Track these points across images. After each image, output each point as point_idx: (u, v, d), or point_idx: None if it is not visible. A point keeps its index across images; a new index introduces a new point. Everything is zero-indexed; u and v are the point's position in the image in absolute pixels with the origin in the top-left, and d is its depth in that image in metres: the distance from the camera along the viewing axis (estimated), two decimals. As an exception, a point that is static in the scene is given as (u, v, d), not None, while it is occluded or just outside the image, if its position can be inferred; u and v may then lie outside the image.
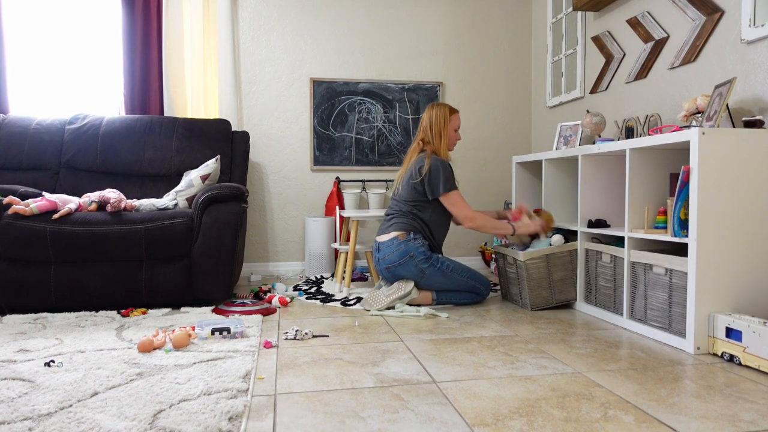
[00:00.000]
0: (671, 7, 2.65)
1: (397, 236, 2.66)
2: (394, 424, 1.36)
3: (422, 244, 2.64)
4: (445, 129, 2.75)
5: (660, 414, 1.41)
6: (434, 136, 2.74)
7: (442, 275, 2.64)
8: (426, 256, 2.62)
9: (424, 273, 2.63)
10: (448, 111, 2.77)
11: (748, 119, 2.04)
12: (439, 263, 2.64)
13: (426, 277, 2.64)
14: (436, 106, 2.78)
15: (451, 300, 2.72)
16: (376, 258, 2.76)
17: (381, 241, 2.71)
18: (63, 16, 3.53)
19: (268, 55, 3.79)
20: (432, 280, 2.66)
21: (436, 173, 2.64)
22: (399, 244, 2.64)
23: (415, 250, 2.61)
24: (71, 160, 3.18)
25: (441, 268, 2.64)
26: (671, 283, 2.05)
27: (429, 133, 2.76)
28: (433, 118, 2.76)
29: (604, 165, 2.64)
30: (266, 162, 3.82)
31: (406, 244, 2.63)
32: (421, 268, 2.62)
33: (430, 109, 2.79)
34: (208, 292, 2.68)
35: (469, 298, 2.73)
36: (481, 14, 4.04)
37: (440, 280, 2.66)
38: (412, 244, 2.62)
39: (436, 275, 2.64)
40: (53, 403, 1.46)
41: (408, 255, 2.62)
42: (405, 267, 2.63)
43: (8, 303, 2.55)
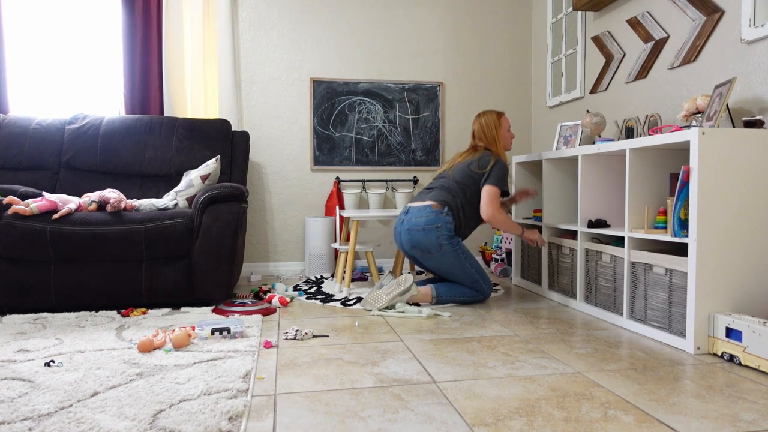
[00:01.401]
0: (671, 7, 2.65)
1: (431, 205, 2.71)
2: (394, 424, 1.36)
3: (451, 221, 2.70)
4: (498, 134, 2.85)
5: (660, 414, 1.41)
6: (490, 142, 2.85)
7: (454, 258, 2.68)
8: (450, 233, 2.68)
9: (441, 247, 2.66)
10: (496, 116, 2.87)
11: (748, 119, 2.04)
12: (458, 245, 2.69)
13: (440, 253, 2.67)
14: (483, 115, 2.88)
15: (450, 298, 2.72)
16: (400, 220, 2.80)
17: (412, 206, 2.77)
18: (63, 16, 3.53)
19: (268, 55, 3.79)
20: (443, 259, 2.68)
21: (499, 168, 2.75)
22: (430, 212, 2.70)
23: (443, 223, 2.68)
24: (71, 160, 3.18)
25: (457, 250, 2.68)
26: (671, 283, 2.05)
27: (484, 140, 2.86)
28: (484, 126, 2.86)
29: (604, 165, 2.64)
30: (266, 162, 3.82)
31: (437, 214, 2.69)
32: (440, 241, 2.66)
33: (479, 119, 2.89)
34: (208, 292, 2.68)
35: (469, 295, 2.73)
36: (481, 14, 4.04)
37: (450, 262, 2.69)
38: (443, 217, 2.69)
39: (449, 255, 2.67)
40: (53, 403, 1.46)
41: (435, 225, 2.67)
42: (426, 234, 2.68)
43: (8, 303, 2.55)
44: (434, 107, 3.98)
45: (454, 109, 4.03)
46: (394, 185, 3.95)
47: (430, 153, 3.98)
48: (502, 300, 2.90)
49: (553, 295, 2.89)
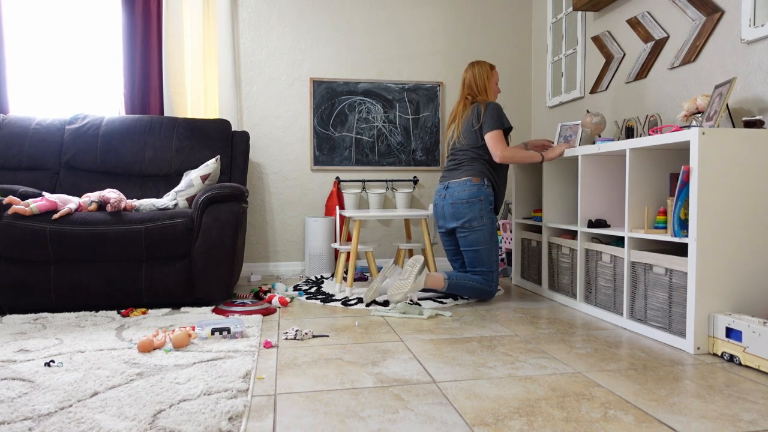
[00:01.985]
0: (671, 7, 2.65)
1: (471, 179, 2.78)
2: (394, 424, 1.36)
3: (491, 193, 2.79)
4: (489, 83, 2.89)
5: (660, 414, 1.41)
6: (480, 91, 2.88)
7: (489, 236, 2.76)
8: (492, 206, 2.79)
9: (482, 219, 2.74)
10: (489, 67, 2.91)
11: (748, 119, 2.04)
12: (494, 223, 2.78)
13: (482, 226, 2.74)
14: (477, 64, 2.91)
15: (462, 281, 2.74)
16: (440, 195, 2.87)
17: (453, 181, 2.83)
18: (63, 16, 3.53)
19: (268, 55, 3.79)
20: (481, 234, 2.74)
21: (491, 111, 2.78)
22: (473, 186, 2.76)
23: (485, 196, 2.76)
24: (71, 160, 3.18)
25: (493, 229, 2.77)
26: (671, 283, 2.05)
27: (474, 89, 2.89)
28: (477, 76, 2.89)
29: (604, 165, 2.64)
30: (266, 162, 3.82)
31: (479, 188, 2.76)
32: (483, 213, 2.74)
33: (472, 68, 2.91)
34: (208, 292, 2.68)
35: (478, 292, 2.77)
36: (481, 14, 4.04)
37: (485, 239, 2.75)
38: (485, 189, 2.77)
39: (487, 232, 2.75)
40: (53, 403, 1.46)
41: (479, 198, 2.75)
42: (471, 207, 2.75)
43: (8, 303, 2.55)
44: (434, 107, 3.98)
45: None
46: (394, 185, 3.95)
47: (430, 153, 3.98)
48: (502, 300, 2.90)
49: (553, 295, 2.89)
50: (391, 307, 2.63)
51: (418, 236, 3.98)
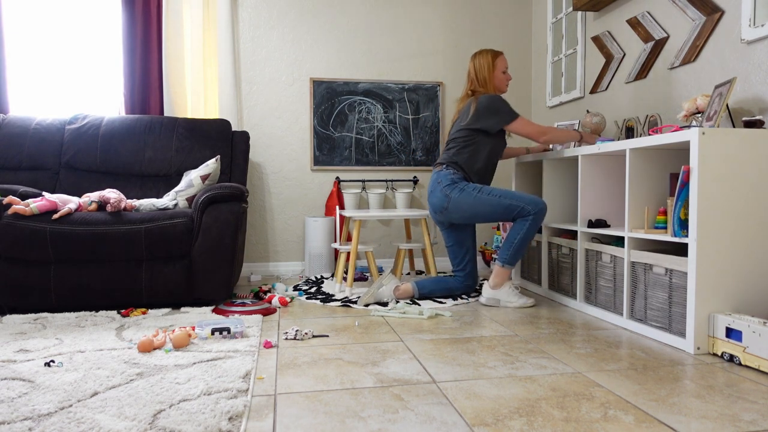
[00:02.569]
0: (671, 7, 2.65)
1: (435, 169, 2.81)
2: (394, 424, 1.36)
3: (452, 172, 2.72)
4: (490, 75, 2.81)
5: (660, 414, 1.41)
6: (480, 84, 2.82)
7: (468, 197, 2.66)
8: (452, 181, 2.70)
9: (448, 198, 2.69)
10: (491, 57, 2.82)
11: (748, 119, 2.04)
12: (467, 187, 2.67)
13: (451, 203, 2.69)
14: (479, 54, 2.85)
15: (431, 290, 2.80)
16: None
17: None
18: (63, 17, 3.53)
19: (268, 55, 3.79)
20: (459, 206, 2.68)
21: (495, 106, 2.70)
22: (433, 175, 2.80)
23: (443, 177, 2.72)
24: (71, 160, 3.18)
25: (467, 190, 2.67)
26: (671, 283, 2.05)
27: (476, 83, 2.83)
28: (477, 69, 2.83)
29: (604, 165, 2.64)
30: (266, 162, 3.82)
31: (439, 174, 2.76)
32: (445, 193, 2.70)
33: (474, 59, 2.85)
34: (208, 292, 2.68)
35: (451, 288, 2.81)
36: (481, 14, 4.04)
37: (468, 203, 2.66)
38: (442, 172, 2.74)
39: (461, 199, 2.67)
40: (53, 403, 1.46)
41: (437, 182, 2.74)
42: (434, 195, 2.75)
43: (8, 303, 2.55)
44: (434, 107, 3.98)
45: (454, 109, 4.02)
46: (394, 185, 3.95)
47: (430, 153, 3.98)
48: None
49: (553, 295, 2.88)
50: (391, 308, 2.63)
51: (418, 236, 3.98)
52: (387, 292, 2.76)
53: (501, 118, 2.71)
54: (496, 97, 2.73)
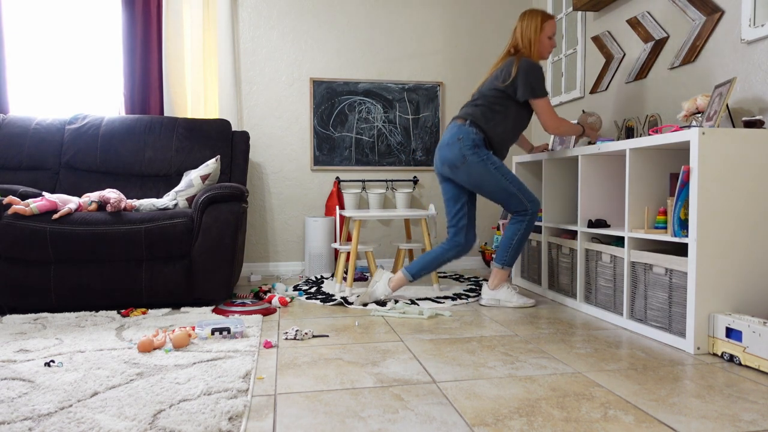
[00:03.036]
0: (671, 7, 2.65)
1: (456, 121, 2.67)
2: (394, 424, 1.36)
3: (475, 131, 2.60)
4: (536, 37, 2.67)
5: (660, 414, 1.41)
6: (524, 45, 2.67)
7: (483, 168, 2.57)
8: (474, 143, 2.58)
9: (465, 159, 2.58)
10: (540, 19, 2.68)
11: (748, 119, 2.04)
12: (486, 156, 2.58)
13: (466, 165, 2.58)
14: (529, 15, 2.70)
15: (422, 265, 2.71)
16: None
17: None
18: (63, 17, 3.53)
19: (268, 55, 3.79)
20: (471, 171, 2.59)
21: (534, 74, 2.59)
22: (453, 127, 2.65)
23: (464, 134, 2.59)
24: (71, 160, 3.18)
25: (485, 161, 2.57)
26: (671, 283, 2.05)
27: (521, 42, 2.69)
28: (524, 28, 2.69)
29: (604, 165, 2.64)
30: (266, 162, 3.82)
31: (460, 128, 2.62)
32: (463, 152, 2.58)
33: (522, 19, 2.71)
34: (208, 292, 2.68)
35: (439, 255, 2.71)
36: (481, 14, 4.04)
37: (480, 173, 2.58)
38: (465, 128, 2.61)
39: (476, 166, 2.57)
40: (53, 403, 1.46)
41: (457, 138, 2.60)
42: (450, 148, 2.62)
43: (8, 303, 2.55)
44: (434, 107, 3.98)
45: (454, 109, 4.03)
46: (394, 185, 3.95)
47: (430, 153, 3.98)
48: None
49: (553, 295, 2.88)
50: (391, 308, 2.63)
51: (418, 236, 3.98)
52: (381, 287, 2.74)
53: (532, 88, 2.59)
54: (537, 66, 2.61)
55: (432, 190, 4.01)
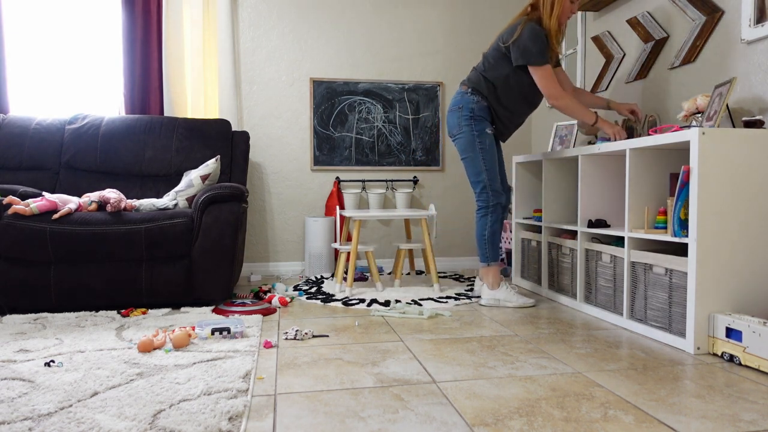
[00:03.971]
0: (671, 7, 2.65)
1: (461, 88, 2.64)
2: (394, 424, 1.36)
3: (477, 101, 2.55)
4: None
5: (660, 414, 1.41)
6: (543, 5, 2.50)
7: (468, 143, 2.56)
8: (472, 114, 2.54)
9: (460, 129, 2.57)
10: None
11: (748, 119, 2.05)
12: (478, 131, 2.54)
13: (460, 135, 2.58)
14: None
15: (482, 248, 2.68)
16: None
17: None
18: (63, 17, 3.53)
19: (268, 55, 3.79)
20: (459, 143, 2.60)
21: (533, 39, 2.45)
22: (457, 94, 2.64)
23: (465, 104, 2.56)
24: (71, 160, 3.18)
25: (474, 135, 2.54)
26: (671, 283, 2.05)
27: (540, 2, 2.51)
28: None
29: (604, 165, 2.64)
30: (266, 162, 3.82)
31: (462, 95, 2.60)
32: (460, 122, 2.56)
33: None
34: (208, 292, 2.68)
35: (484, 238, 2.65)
36: (481, 14, 4.04)
37: (463, 146, 2.58)
38: (467, 97, 2.57)
39: (464, 139, 2.57)
40: (53, 403, 1.46)
41: (458, 106, 2.58)
42: (452, 115, 2.63)
43: (8, 303, 2.55)
44: (434, 107, 3.98)
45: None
46: (394, 185, 3.95)
47: (430, 153, 3.98)
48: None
49: (553, 295, 2.88)
50: (391, 307, 2.63)
51: (418, 236, 3.99)
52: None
53: (528, 53, 2.45)
54: (540, 33, 2.45)
55: (432, 190, 4.01)
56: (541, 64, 2.49)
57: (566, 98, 2.51)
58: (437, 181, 4.01)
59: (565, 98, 2.51)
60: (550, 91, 2.51)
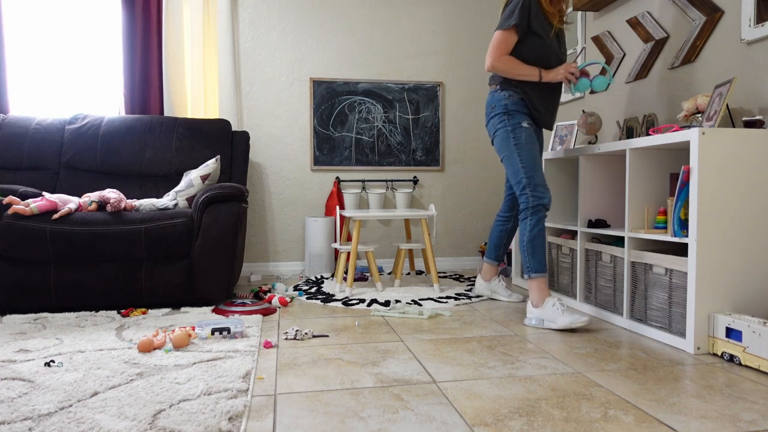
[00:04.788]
0: (671, 7, 2.65)
1: (491, 87, 2.44)
2: (394, 424, 1.36)
3: (509, 95, 2.35)
4: None
5: (660, 414, 1.41)
6: None
7: (503, 141, 2.34)
8: (505, 109, 2.33)
9: (495, 128, 2.37)
10: None
11: (748, 119, 2.04)
12: (513, 126, 2.32)
13: (495, 139, 2.39)
14: None
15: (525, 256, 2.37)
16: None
17: None
18: (63, 16, 3.53)
19: (268, 55, 3.79)
20: (497, 145, 2.40)
21: (511, 6, 2.31)
22: (488, 96, 2.44)
23: (496, 102, 2.35)
24: (71, 160, 3.18)
25: (509, 131, 2.32)
26: (671, 283, 2.05)
27: None
28: None
29: (604, 165, 2.64)
30: (266, 162, 3.82)
31: (493, 95, 2.39)
32: (494, 123, 2.36)
33: None
34: (208, 292, 2.68)
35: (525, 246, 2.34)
36: (481, 14, 4.04)
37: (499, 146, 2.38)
38: (497, 95, 2.36)
39: (499, 138, 2.36)
40: (53, 403, 1.46)
41: (490, 106, 2.40)
42: (486, 119, 2.45)
43: (8, 303, 2.55)
44: (434, 107, 3.98)
45: (454, 109, 4.03)
46: (394, 185, 3.95)
47: (430, 153, 3.98)
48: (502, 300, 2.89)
49: (553, 294, 2.88)
50: (391, 307, 2.63)
51: (418, 236, 3.99)
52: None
53: (501, 20, 2.31)
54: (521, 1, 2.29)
55: (432, 190, 4.01)
56: (502, 28, 2.31)
57: (501, 60, 2.31)
58: (437, 181, 4.01)
59: (500, 61, 2.31)
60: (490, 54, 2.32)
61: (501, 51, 2.30)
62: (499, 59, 2.30)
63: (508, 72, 2.33)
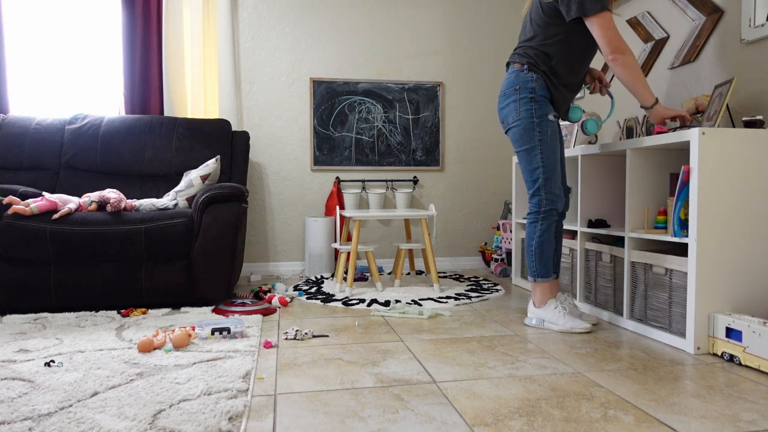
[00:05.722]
0: (671, 7, 2.65)
1: (514, 66, 2.20)
2: (394, 424, 1.36)
3: (536, 79, 2.12)
4: None
5: (660, 414, 1.41)
6: None
7: (525, 132, 2.11)
8: (533, 96, 2.11)
9: (518, 115, 2.12)
10: None
11: (748, 119, 2.05)
12: (540, 118, 2.10)
13: (516, 121, 2.14)
14: None
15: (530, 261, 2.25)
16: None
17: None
18: (63, 16, 3.53)
19: (268, 55, 3.79)
20: (515, 133, 2.16)
21: None
22: (510, 74, 2.18)
23: (523, 84, 2.12)
24: (71, 160, 3.18)
25: (535, 122, 2.09)
26: (671, 283, 2.05)
27: None
28: None
29: (604, 165, 2.64)
30: (266, 162, 3.82)
31: (518, 75, 2.15)
32: (519, 107, 2.11)
33: None
34: (208, 292, 2.68)
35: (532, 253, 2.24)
36: (481, 14, 4.04)
37: (519, 137, 2.14)
38: (525, 75, 2.12)
39: (521, 127, 2.13)
40: (53, 403, 1.46)
41: (514, 87, 2.14)
42: (506, 100, 2.18)
43: (8, 303, 2.55)
44: (434, 107, 3.98)
45: (454, 109, 4.03)
46: (394, 185, 3.95)
47: (430, 153, 3.98)
48: (502, 300, 2.90)
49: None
50: (391, 307, 2.63)
51: (418, 236, 3.99)
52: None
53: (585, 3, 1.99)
54: None
55: (432, 190, 4.01)
56: (600, 10, 1.99)
57: (631, 54, 2.01)
58: (437, 181, 4.01)
59: (630, 54, 2.01)
60: (613, 43, 1.99)
61: (618, 33, 2.00)
62: (629, 50, 2.01)
63: (633, 70, 2.02)
